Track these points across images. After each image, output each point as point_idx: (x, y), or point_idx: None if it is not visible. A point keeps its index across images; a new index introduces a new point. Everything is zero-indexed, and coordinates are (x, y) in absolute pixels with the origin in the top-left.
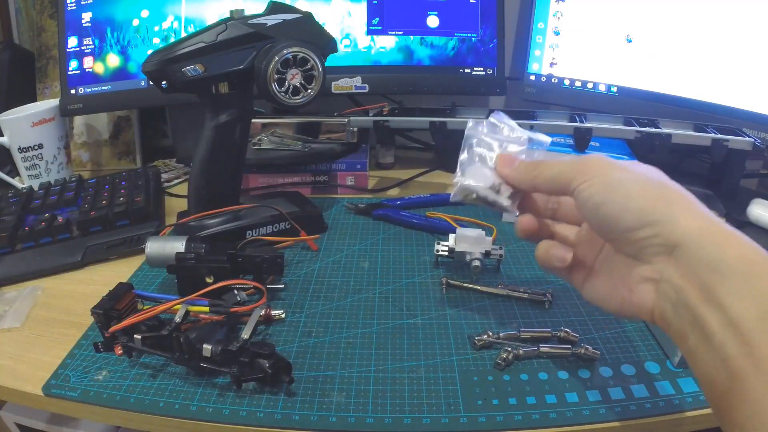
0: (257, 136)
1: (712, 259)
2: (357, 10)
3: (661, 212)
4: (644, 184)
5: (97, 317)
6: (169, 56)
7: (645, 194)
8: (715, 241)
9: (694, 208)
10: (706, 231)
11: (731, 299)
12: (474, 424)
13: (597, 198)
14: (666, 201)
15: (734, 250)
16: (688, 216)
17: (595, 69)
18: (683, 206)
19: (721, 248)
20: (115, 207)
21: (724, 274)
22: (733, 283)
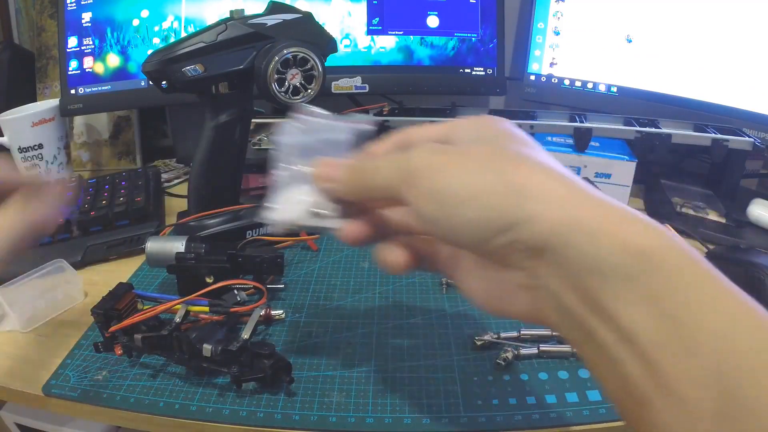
0: (257, 136)
1: (588, 258)
2: (357, 10)
3: (512, 212)
4: (484, 177)
5: (97, 317)
6: (169, 56)
7: (487, 194)
8: (590, 233)
9: (554, 193)
10: (576, 221)
11: (619, 306)
12: (474, 424)
13: (429, 215)
14: (516, 194)
15: (616, 241)
16: (547, 207)
17: (595, 69)
18: (538, 195)
19: (598, 241)
20: (115, 207)
21: (605, 274)
22: (617, 285)
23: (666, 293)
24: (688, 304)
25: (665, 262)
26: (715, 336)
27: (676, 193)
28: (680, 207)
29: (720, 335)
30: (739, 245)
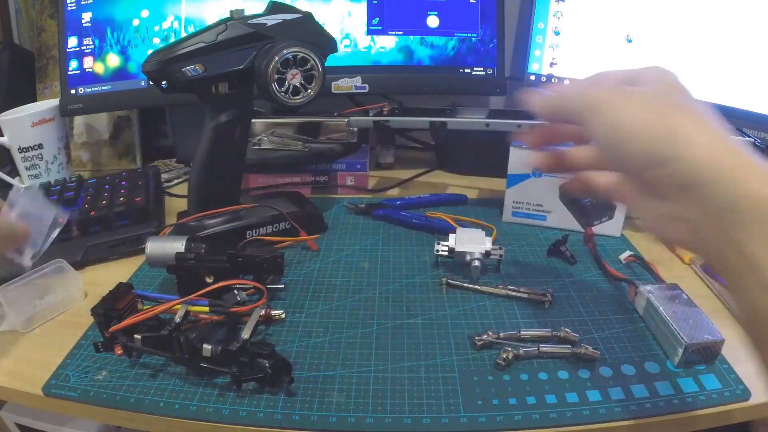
0: (257, 136)
1: (728, 198)
2: (357, 10)
3: (667, 150)
4: (649, 117)
5: (97, 317)
6: (169, 56)
7: (649, 131)
8: (731, 176)
9: (705, 137)
10: (719, 164)
11: (748, 242)
12: (474, 424)
13: (603, 140)
14: (672, 135)
15: (750, 189)
16: (698, 149)
17: (595, 69)
18: (692, 138)
19: (737, 184)
20: (115, 207)
21: (742, 214)
22: (749, 224)
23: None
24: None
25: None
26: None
27: None
28: None
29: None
30: None
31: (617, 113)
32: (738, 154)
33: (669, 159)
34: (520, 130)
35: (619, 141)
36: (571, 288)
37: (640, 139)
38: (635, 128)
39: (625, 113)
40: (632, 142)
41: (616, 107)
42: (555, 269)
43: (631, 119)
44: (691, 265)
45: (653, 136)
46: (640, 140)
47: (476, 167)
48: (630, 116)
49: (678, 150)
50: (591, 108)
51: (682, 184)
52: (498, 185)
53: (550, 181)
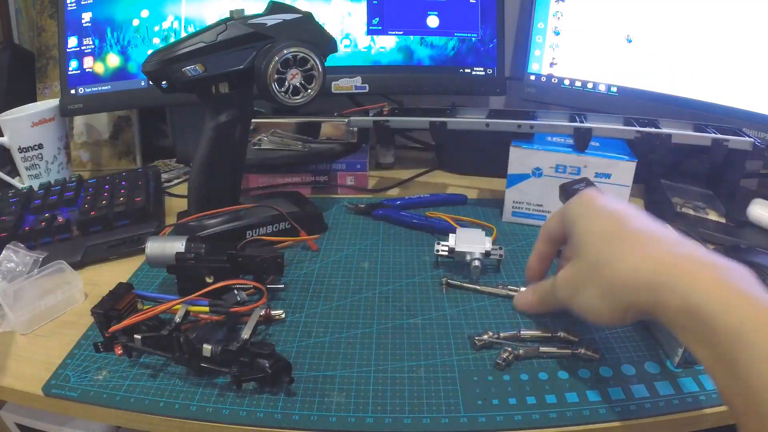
0: (257, 136)
1: (674, 306)
2: (357, 10)
3: (629, 304)
4: (600, 302)
5: (97, 317)
6: (169, 56)
7: (607, 311)
8: (673, 288)
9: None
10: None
11: (691, 344)
12: (474, 424)
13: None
14: (621, 299)
15: (689, 299)
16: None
17: (595, 69)
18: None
19: (679, 296)
20: (115, 207)
21: (687, 317)
22: (691, 329)
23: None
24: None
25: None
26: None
27: (676, 193)
28: (680, 207)
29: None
30: (739, 245)
31: (579, 302)
32: (680, 260)
33: (632, 307)
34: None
35: (589, 315)
36: None
37: (605, 317)
38: (596, 311)
39: (584, 301)
40: (599, 318)
41: (576, 299)
42: (555, 269)
43: (590, 305)
44: None
45: (612, 308)
46: (606, 317)
47: (476, 167)
48: (589, 303)
49: (641, 299)
50: (566, 303)
51: (645, 306)
52: (498, 185)
53: (550, 181)
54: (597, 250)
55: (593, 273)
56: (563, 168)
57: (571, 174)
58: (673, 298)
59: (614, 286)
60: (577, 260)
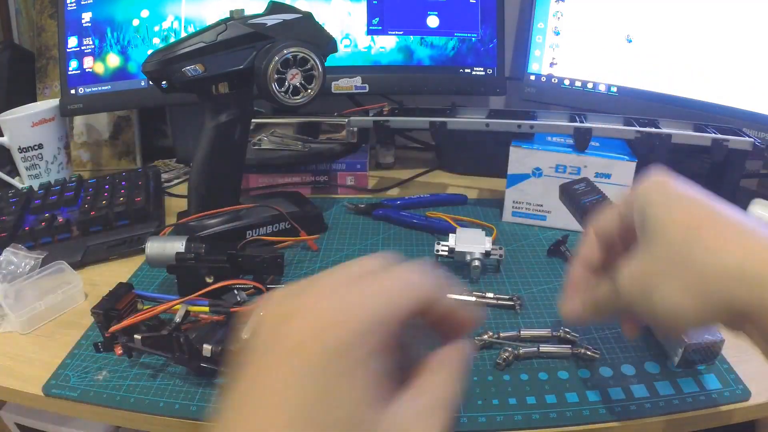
0: (257, 136)
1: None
2: (357, 10)
3: (708, 314)
4: (680, 304)
5: (97, 317)
6: (169, 56)
7: (684, 315)
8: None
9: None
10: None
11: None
12: (474, 424)
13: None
14: (702, 307)
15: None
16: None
17: (595, 69)
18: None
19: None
20: (115, 207)
21: None
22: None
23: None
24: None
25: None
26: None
27: None
28: None
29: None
30: None
31: (651, 306)
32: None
33: (714, 315)
34: (520, 130)
35: (660, 323)
36: None
37: (680, 324)
38: (672, 316)
39: (656, 305)
40: (673, 323)
41: (647, 301)
42: (555, 269)
43: (664, 308)
44: None
45: (690, 312)
46: (680, 324)
47: (476, 167)
48: (662, 305)
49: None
50: (627, 306)
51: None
52: (498, 185)
53: (550, 181)
54: (682, 238)
55: (677, 263)
56: (563, 168)
57: (571, 174)
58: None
59: (707, 277)
60: (651, 250)
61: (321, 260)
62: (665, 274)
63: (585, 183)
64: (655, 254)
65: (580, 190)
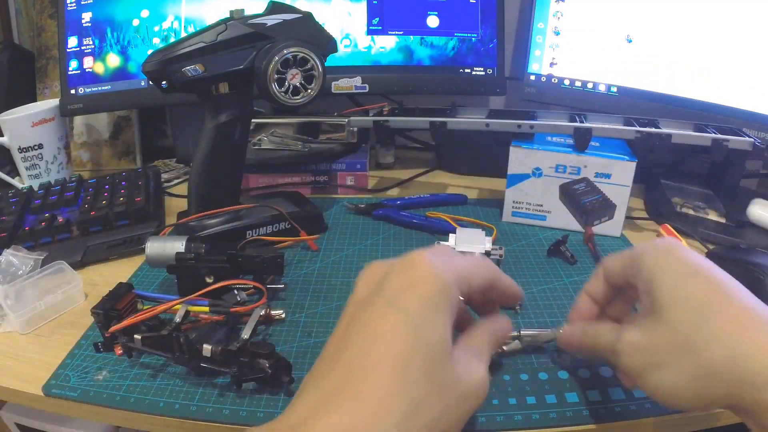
0: (257, 136)
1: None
2: (357, 10)
3: (717, 403)
4: (684, 390)
5: (97, 317)
6: (169, 56)
7: (687, 399)
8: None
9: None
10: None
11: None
12: (474, 424)
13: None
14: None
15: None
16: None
17: (595, 69)
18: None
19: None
20: (115, 207)
21: None
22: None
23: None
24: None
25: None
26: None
27: (676, 193)
28: (680, 207)
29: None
30: (739, 245)
31: (649, 381)
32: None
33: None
34: (520, 130)
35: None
36: (571, 288)
37: (679, 404)
38: (675, 397)
39: (660, 382)
40: (674, 402)
41: (647, 374)
42: (555, 269)
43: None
44: None
45: (698, 400)
46: (679, 403)
47: (476, 167)
48: (683, 381)
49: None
50: (616, 363)
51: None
52: (498, 185)
53: (550, 181)
54: (690, 320)
55: (682, 347)
56: (563, 168)
57: (571, 174)
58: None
59: (711, 369)
60: (656, 327)
61: (321, 260)
62: (669, 355)
63: (585, 183)
64: (661, 333)
65: (580, 190)
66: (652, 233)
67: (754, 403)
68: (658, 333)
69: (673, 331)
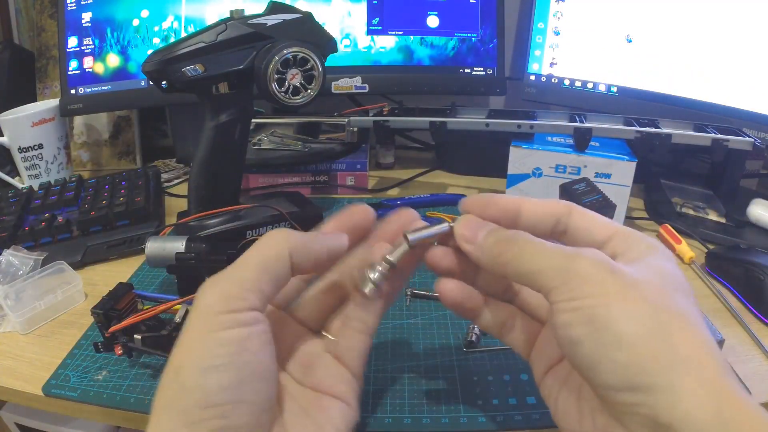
0: (257, 136)
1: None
2: (357, 10)
3: (657, 375)
4: (646, 324)
5: (97, 317)
6: (169, 56)
7: (642, 343)
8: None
9: (709, 370)
10: (717, 416)
11: None
12: (474, 424)
13: (575, 333)
14: (669, 358)
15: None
16: (695, 386)
17: (595, 69)
18: (693, 368)
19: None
20: (115, 207)
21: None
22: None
23: None
24: None
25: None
26: None
27: (676, 193)
28: (680, 207)
29: None
30: (739, 245)
31: (609, 305)
32: (745, 406)
33: (654, 387)
34: (520, 130)
35: (597, 343)
36: None
37: (628, 347)
38: (627, 331)
39: (621, 314)
40: (616, 348)
41: (610, 294)
42: None
43: (625, 318)
44: (691, 265)
45: (646, 349)
46: (628, 349)
47: (476, 167)
48: (623, 314)
49: (671, 379)
50: (572, 285)
51: (659, 423)
52: (498, 185)
53: (550, 181)
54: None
55: (649, 288)
56: (563, 168)
57: (571, 174)
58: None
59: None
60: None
61: None
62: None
63: (585, 183)
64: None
65: (580, 190)
66: (652, 233)
67: None
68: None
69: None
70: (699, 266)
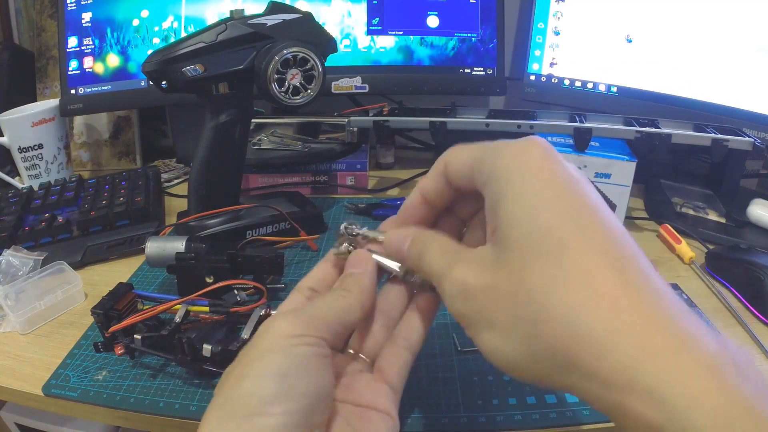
0: (257, 136)
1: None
2: (357, 10)
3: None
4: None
5: (97, 317)
6: (169, 56)
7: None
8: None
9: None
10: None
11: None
12: (474, 424)
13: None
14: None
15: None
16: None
17: (595, 69)
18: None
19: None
20: (115, 207)
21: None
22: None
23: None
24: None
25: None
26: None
27: (676, 193)
28: (680, 207)
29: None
30: (739, 245)
31: (478, 332)
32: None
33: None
34: (520, 130)
35: (475, 338)
36: None
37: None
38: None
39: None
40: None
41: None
42: None
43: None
44: (691, 265)
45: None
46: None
47: None
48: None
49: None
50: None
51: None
52: None
53: None
54: (531, 264)
55: (517, 302)
56: None
57: None
58: (641, 403)
59: (548, 338)
60: (495, 267)
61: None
62: (504, 312)
63: None
64: (499, 278)
65: None
66: (652, 233)
67: (590, 377)
68: (495, 277)
69: (510, 273)
70: (699, 266)
